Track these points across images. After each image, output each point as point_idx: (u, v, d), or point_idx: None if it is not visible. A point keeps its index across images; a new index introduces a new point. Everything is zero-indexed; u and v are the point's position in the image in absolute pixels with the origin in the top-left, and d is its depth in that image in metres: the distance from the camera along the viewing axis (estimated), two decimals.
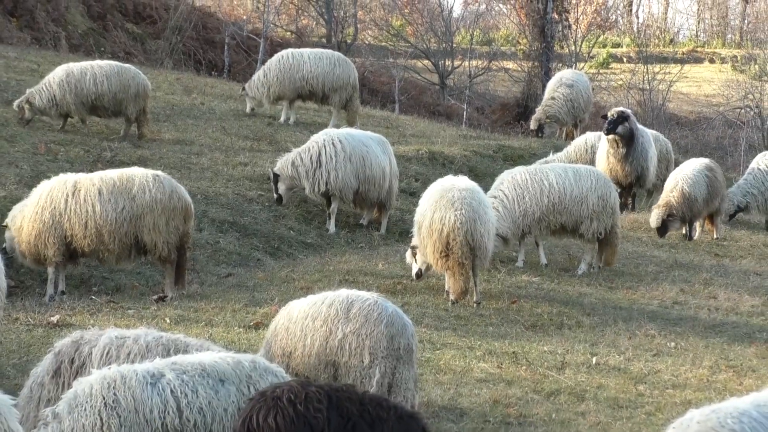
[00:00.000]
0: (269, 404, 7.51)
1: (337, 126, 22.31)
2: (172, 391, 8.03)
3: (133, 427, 7.92)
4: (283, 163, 18.50)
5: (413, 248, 15.70)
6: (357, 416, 7.75)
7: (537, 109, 29.16)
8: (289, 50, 25.47)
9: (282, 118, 24.30)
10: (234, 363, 8.35)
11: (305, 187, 18.50)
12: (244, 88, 24.57)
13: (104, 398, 7.97)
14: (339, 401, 7.78)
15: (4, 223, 14.57)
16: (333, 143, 18.45)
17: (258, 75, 24.48)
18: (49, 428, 8.04)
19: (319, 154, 18.34)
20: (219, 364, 8.30)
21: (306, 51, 25.34)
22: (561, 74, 30.49)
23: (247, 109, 24.57)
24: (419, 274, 15.84)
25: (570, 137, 27.15)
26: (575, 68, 35.48)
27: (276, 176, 18.50)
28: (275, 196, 18.63)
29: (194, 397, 8.04)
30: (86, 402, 8.00)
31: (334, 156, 18.28)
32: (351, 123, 23.63)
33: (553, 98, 28.57)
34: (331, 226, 18.74)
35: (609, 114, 20.99)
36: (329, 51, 26.46)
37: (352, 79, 24.26)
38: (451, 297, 15.30)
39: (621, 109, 21.66)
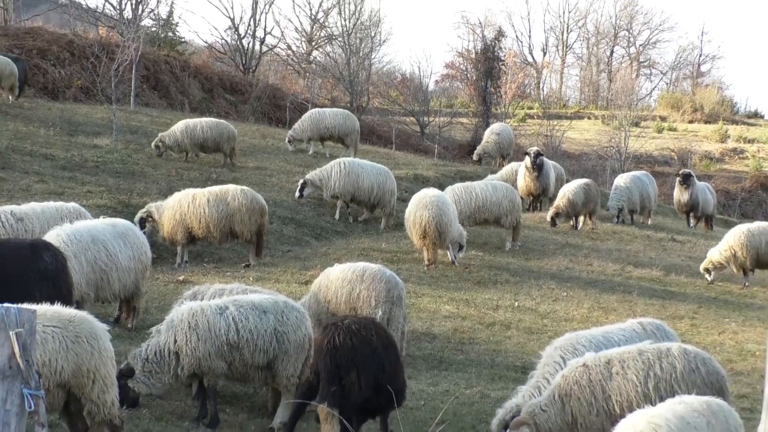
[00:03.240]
0: (344, 330, 7.44)
1: (354, 156, 22.04)
2: (233, 318, 8.00)
3: (207, 341, 7.89)
4: (312, 176, 18.16)
5: None
6: (384, 337, 7.77)
7: (478, 148, 29.20)
8: (317, 109, 25.17)
9: (310, 150, 23.70)
10: (273, 302, 8.29)
11: (323, 192, 18.16)
12: (290, 137, 23.89)
13: (189, 322, 7.95)
14: (377, 328, 7.83)
15: (144, 213, 14.35)
16: (339, 165, 18.12)
17: (299, 124, 24.02)
18: (153, 339, 8.08)
19: (330, 173, 18.06)
20: (263, 302, 8.24)
21: (327, 110, 24.97)
22: (493, 126, 30.43)
23: (290, 148, 23.76)
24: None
25: (501, 165, 27.07)
26: (504, 122, 35.31)
27: (306, 182, 18.10)
28: (297, 194, 18.08)
29: (246, 322, 8.00)
30: (178, 324, 7.99)
31: (337, 173, 18.00)
32: (354, 154, 23.09)
33: (487, 142, 28.60)
34: (337, 215, 18.24)
35: (532, 151, 21.13)
36: (342, 110, 25.96)
37: (356, 127, 23.81)
38: (426, 263, 15.29)
39: (538, 148, 21.83)
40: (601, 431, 6.98)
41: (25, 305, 3.89)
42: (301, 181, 18.32)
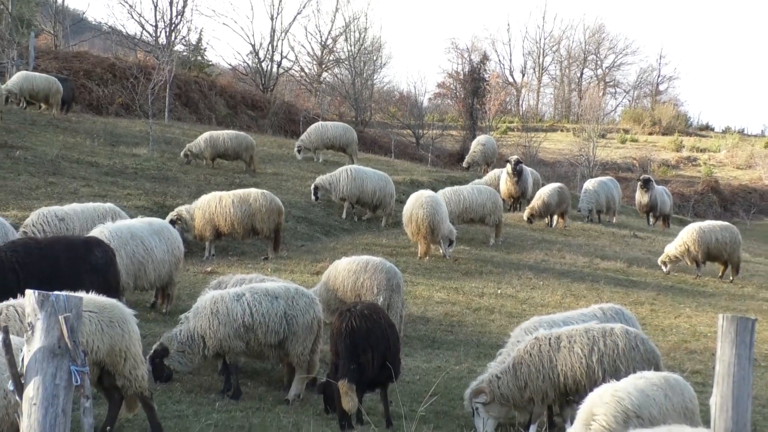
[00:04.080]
0: (358, 315, 7.32)
1: (352, 163, 21.89)
2: (248, 303, 7.94)
3: (226, 324, 7.86)
4: (321, 180, 18.07)
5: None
6: (389, 321, 7.73)
7: (466, 157, 29.15)
8: (320, 122, 24.87)
9: (320, 159, 23.53)
10: (284, 288, 8.21)
11: (332, 195, 18.06)
12: (298, 147, 23.58)
13: (211, 309, 7.92)
14: (383, 313, 7.77)
15: (174, 216, 14.15)
16: (346, 172, 18.01)
17: (305, 135, 23.74)
18: (183, 326, 8.04)
19: (338, 178, 17.96)
20: (275, 289, 8.17)
21: (329, 123, 24.63)
22: (479, 138, 30.35)
23: (298, 157, 23.45)
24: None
25: (485, 172, 27.00)
26: (488, 134, 35.25)
27: (318, 186, 18.01)
28: (313, 197, 18.01)
29: (260, 307, 7.94)
30: (202, 311, 7.95)
31: (345, 179, 17.88)
32: (355, 161, 22.93)
33: (474, 151, 28.51)
34: (343, 214, 18.14)
35: (512, 159, 21.07)
36: (342, 123, 25.57)
37: (354, 138, 23.63)
38: (419, 255, 15.25)
39: (517, 157, 21.80)
40: (546, 396, 7.24)
41: (72, 293, 3.88)
42: (314, 185, 18.28)
